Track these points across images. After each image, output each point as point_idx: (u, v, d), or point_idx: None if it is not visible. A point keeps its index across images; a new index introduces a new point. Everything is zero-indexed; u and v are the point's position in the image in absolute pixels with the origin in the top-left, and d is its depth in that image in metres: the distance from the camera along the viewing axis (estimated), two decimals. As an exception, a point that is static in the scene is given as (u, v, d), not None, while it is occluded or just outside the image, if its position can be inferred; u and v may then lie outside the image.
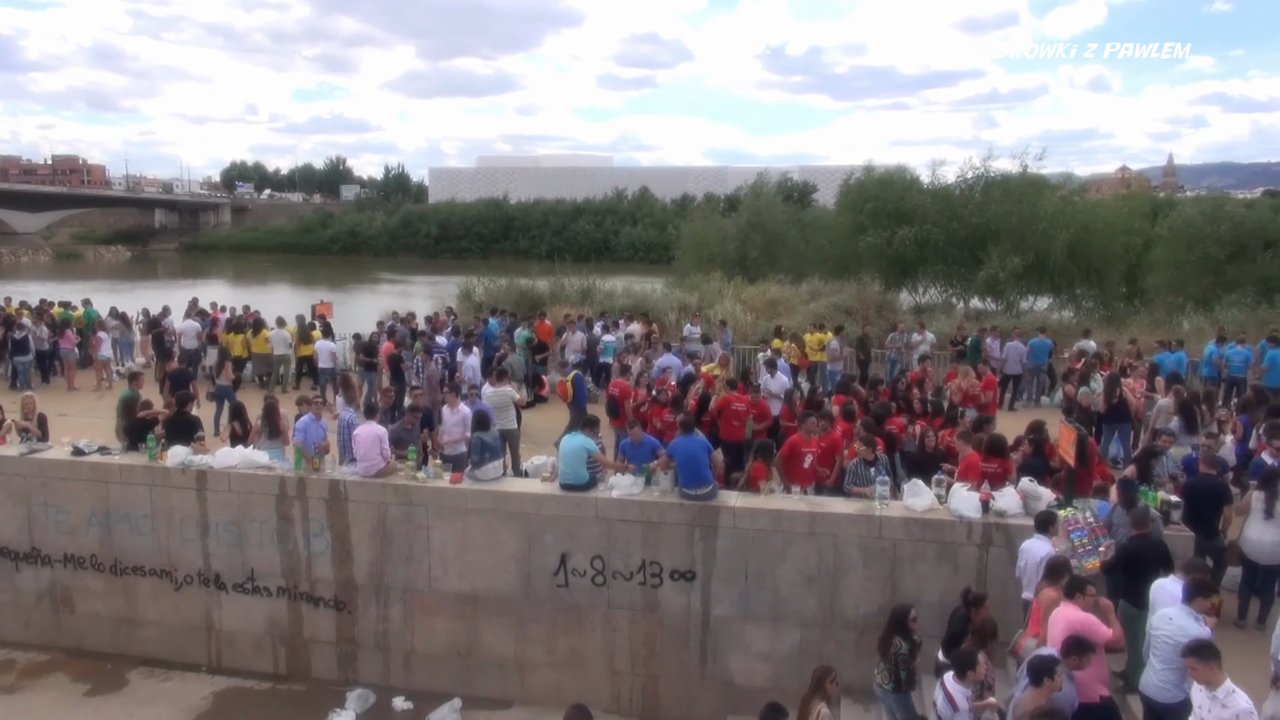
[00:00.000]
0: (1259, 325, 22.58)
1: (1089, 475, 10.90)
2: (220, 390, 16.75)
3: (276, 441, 12.76)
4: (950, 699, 7.23)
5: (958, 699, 7.22)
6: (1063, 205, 32.76)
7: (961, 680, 7.29)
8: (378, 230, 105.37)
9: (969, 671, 7.29)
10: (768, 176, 43.60)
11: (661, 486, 11.30)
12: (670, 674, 11.46)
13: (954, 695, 7.24)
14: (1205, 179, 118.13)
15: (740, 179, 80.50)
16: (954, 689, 7.28)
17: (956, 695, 7.24)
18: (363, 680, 12.17)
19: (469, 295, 31.69)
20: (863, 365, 20.81)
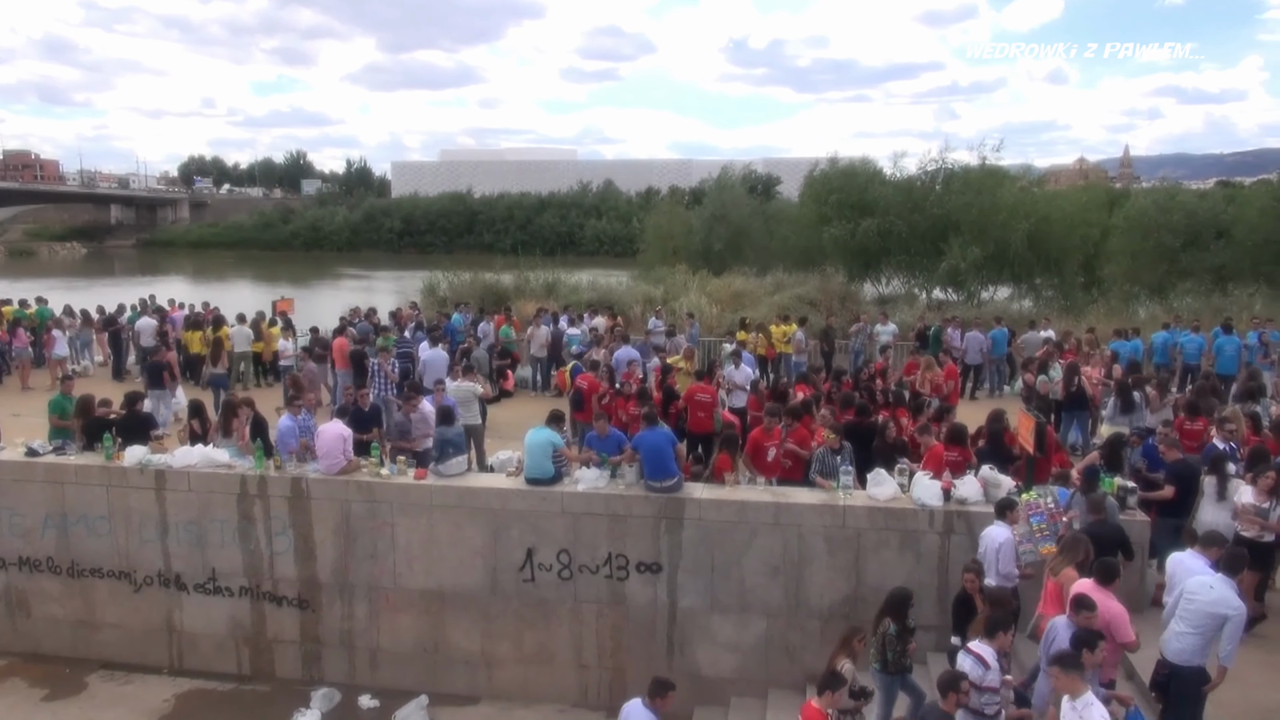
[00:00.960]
0: (1213, 313, 23.06)
1: (1048, 462, 11.06)
2: (214, 379, 16.69)
3: (231, 440, 12.60)
4: (980, 659, 7.25)
5: (988, 657, 7.25)
6: (1022, 196, 33.20)
7: (991, 641, 7.34)
8: (340, 225, 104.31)
9: (999, 633, 7.37)
10: (732, 169, 43.67)
11: (627, 479, 11.30)
12: (637, 666, 11.46)
13: (984, 655, 7.27)
14: (1160, 170, 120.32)
15: (705, 171, 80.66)
16: (983, 649, 7.31)
17: (986, 654, 7.27)
18: (328, 679, 12.05)
19: (433, 290, 31.52)
20: (826, 357, 20.96)
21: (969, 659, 7.33)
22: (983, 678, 7.17)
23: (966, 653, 7.42)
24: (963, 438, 11.53)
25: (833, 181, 35.99)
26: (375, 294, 47.43)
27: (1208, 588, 7.27)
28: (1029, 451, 11.03)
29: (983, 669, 7.21)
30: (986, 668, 7.21)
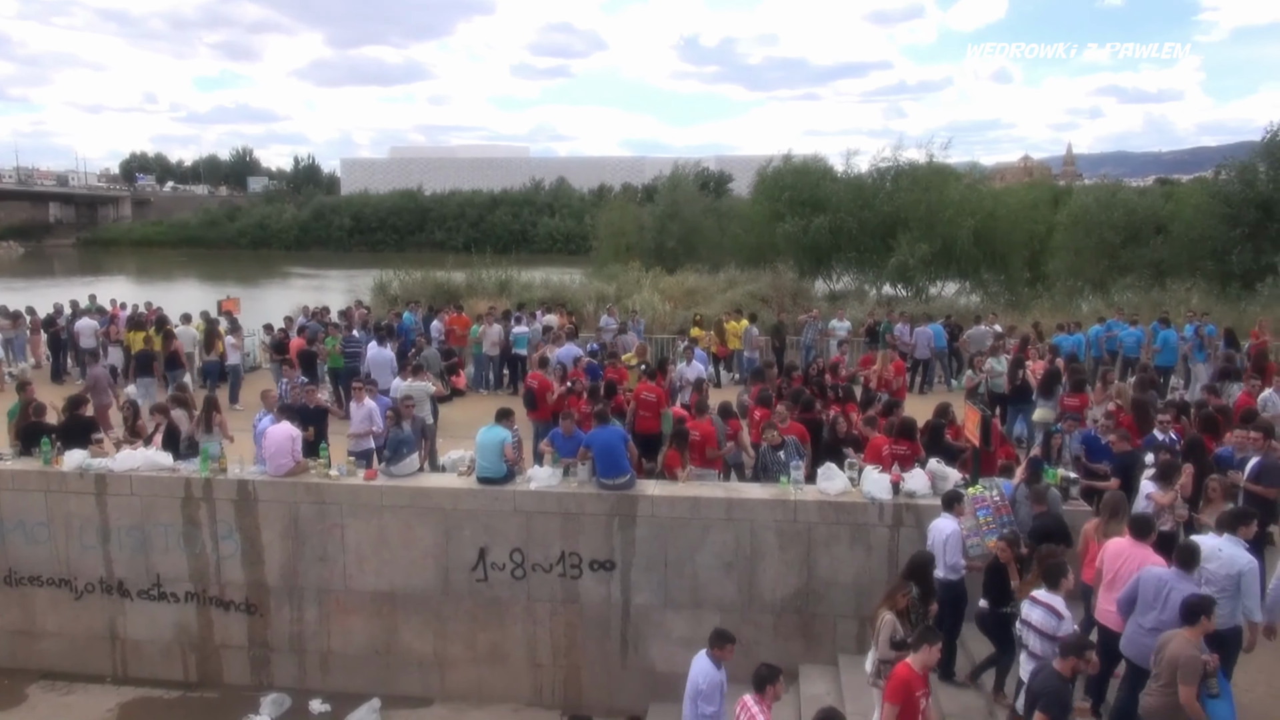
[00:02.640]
0: (1152, 307, 23.61)
1: (994, 455, 11.26)
2: (208, 367, 17.37)
3: (215, 435, 12.39)
4: (1052, 609, 7.25)
5: (1059, 607, 7.25)
6: (968, 194, 33.79)
7: (1055, 590, 7.37)
8: (288, 223, 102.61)
9: (1061, 580, 7.40)
10: (683, 167, 43.76)
11: (579, 477, 11.30)
12: (592, 664, 11.49)
13: (1054, 604, 7.27)
14: (1101, 168, 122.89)
15: (658, 169, 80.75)
16: (1053, 599, 7.31)
17: (1057, 604, 7.27)
18: (277, 684, 11.89)
19: (384, 289, 31.16)
20: (778, 352, 21.10)
21: (1038, 609, 7.32)
22: (1056, 628, 7.20)
23: (1035, 603, 7.39)
24: (912, 432, 11.69)
25: (786, 179, 36.28)
26: (326, 292, 46.77)
27: (1217, 551, 7.42)
28: (975, 444, 11.22)
29: (1056, 619, 7.23)
30: (1060, 618, 7.23)
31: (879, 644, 7.95)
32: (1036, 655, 7.27)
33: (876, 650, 7.99)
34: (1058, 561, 7.66)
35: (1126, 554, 7.61)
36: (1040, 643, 7.28)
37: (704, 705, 7.74)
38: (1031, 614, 7.39)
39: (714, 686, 7.77)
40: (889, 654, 7.84)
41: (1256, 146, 31.12)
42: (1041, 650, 7.22)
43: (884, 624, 7.94)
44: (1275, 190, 29.29)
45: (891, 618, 7.94)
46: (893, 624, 7.90)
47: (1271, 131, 30.44)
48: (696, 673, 7.89)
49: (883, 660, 7.88)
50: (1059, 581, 7.43)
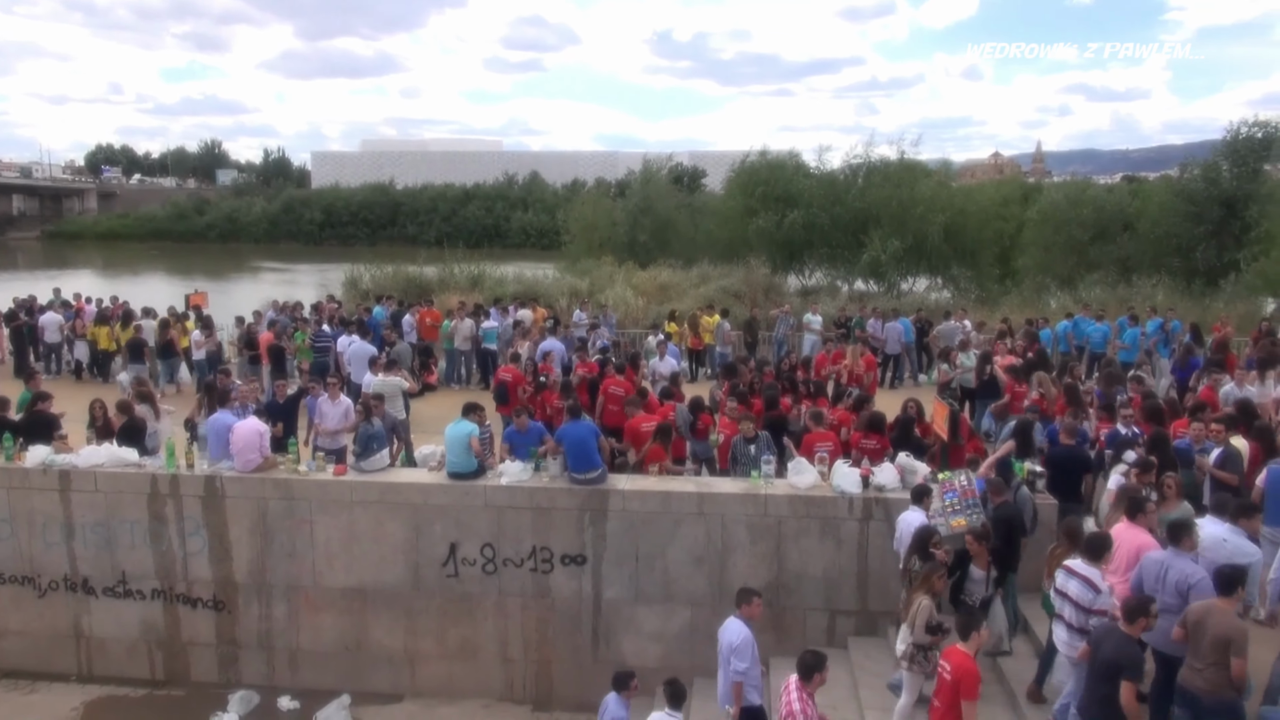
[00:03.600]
0: (1119, 303, 23.91)
1: (962, 449, 11.37)
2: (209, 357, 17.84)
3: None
4: (1089, 582, 7.23)
5: (1096, 580, 7.24)
6: (939, 190, 34.06)
7: (1096, 562, 7.34)
8: (258, 216, 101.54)
9: (1105, 553, 7.40)
10: (655, 161, 43.73)
11: (551, 472, 11.29)
12: (563, 659, 11.49)
13: (1091, 577, 7.25)
14: (1070, 165, 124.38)
15: (631, 164, 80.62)
16: (1090, 572, 7.30)
17: (1094, 577, 7.25)
18: (246, 682, 11.79)
19: (355, 283, 30.93)
20: (750, 347, 21.17)
21: (1075, 581, 7.30)
22: (1093, 602, 7.18)
23: (1071, 574, 7.36)
24: (881, 426, 11.79)
25: (761, 174, 36.38)
26: (297, 287, 46.37)
27: (1222, 541, 7.53)
28: (944, 438, 11.33)
29: (1093, 592, 7.21)
30: (1097, 590, 7.21)
31: (915, 628, 7.96)
32: (1071, 626, 7.28)
33: (911, 633, 7.99)
34: (1102, 537, 7.63)
35: (1121, 536, 7.75)
36: (1075, 614, 7.26)
37: (736, 662, 7.88)
38: (1068, 585, 7.35)
39: (746, 643, 7.91)
40: (924, 638, 7.90)
41: (1219, 145, 31.59)
42: (1076, 621, 7.24)
43: (921, 609, 7.95)
44: (1238, 188, 29.78)
45: (929, 603, 7.96)
46: (930, 609, 7.93)
47: (1234, 130, 30.92)
48: (730, 633, 8.04)
49: (917, 644, 7.93)
50: (1103, 555, 7.39)
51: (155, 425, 12.60)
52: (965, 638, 6.90)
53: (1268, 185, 29.84)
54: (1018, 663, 9.06)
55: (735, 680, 7.92)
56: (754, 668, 7.95)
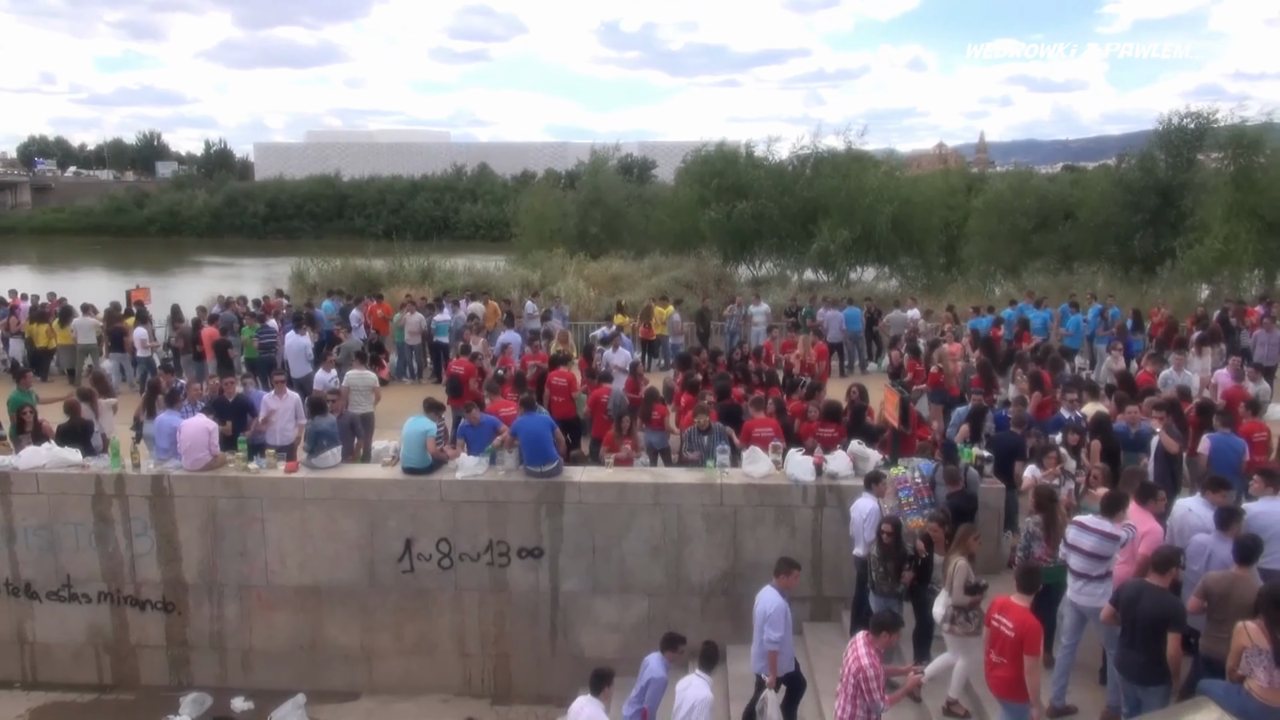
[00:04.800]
0: (1060, 290, 24.42)
1: (912, 436, 11.58)
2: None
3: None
4: (1106, 534, 7.49)
5: (1110, 529, 7.49)
6: (886, 180, 34.35)
7: (1112, 518, 7.57)
8: (200, 210, 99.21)
9: (1120, 511, 7.62)
10: (604, 152, 43.55)
11: (506, 465, 11.27)
12: (521, 652, 11.50)
13: (1106, 529, 7.50)
14: (1012, 155, 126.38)
15: (581, 155, 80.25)
16: (1101, 524, 7.53)
17: (1108, 527, 7.51)
18: (198, 683, 11.64)
19: (302, 277, 30.43)
20: (702, 338, 21.29)
21: (1089, 536, 7.53)
22: (1112, 549, 7.50)
23: (1084, 529, 7.59)
24: (838, 414, 11.97)
25: (713, 164, 36.44)
26: (242, 281, 45.45)
27: (1187, 511, 7.93)
28: (894, 426, 11.52)
29: (1112, 542, 7.48)
30: (1115, 539, 7.49)
31: (953, 590, 8.05)
32: (1086, 575, 7.53)
33: (950, 596, 8.08)
34: (1119, 494, 7.84)
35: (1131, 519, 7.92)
36: (1085, 562, 7.52)
37: (770, 631, 7.99)
38: (1081, 539, 7.58)
39: (779, 612, 7.99)
40: (963, 599, 8.01)
41: (1154, 135, 32.37)
42: (1083, 568, 7.50)
43: (958, 569, 8.06)
44: (1173, 178, 30.52)
45: (965, 563, 8.08)
46: (966, 569, 8.05)
47: (1167, 121, 31.70)
48: (764, 602, 8.14)
49: (957, 606, 8.03)
50: (1116, 512, 7.63)
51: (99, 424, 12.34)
52: (1027, 592, 7.04)
53: (1201, 174, 30.63)
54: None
55: (770, 649, 8.03)
56: (788, 636, 8.05)
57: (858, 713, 6.94)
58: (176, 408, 11.77)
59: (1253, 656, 5.83)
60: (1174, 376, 13.32)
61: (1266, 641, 5.74)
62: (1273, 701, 5.76)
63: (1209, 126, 30.80)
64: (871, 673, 6.87)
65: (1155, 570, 6.79)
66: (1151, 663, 6.63)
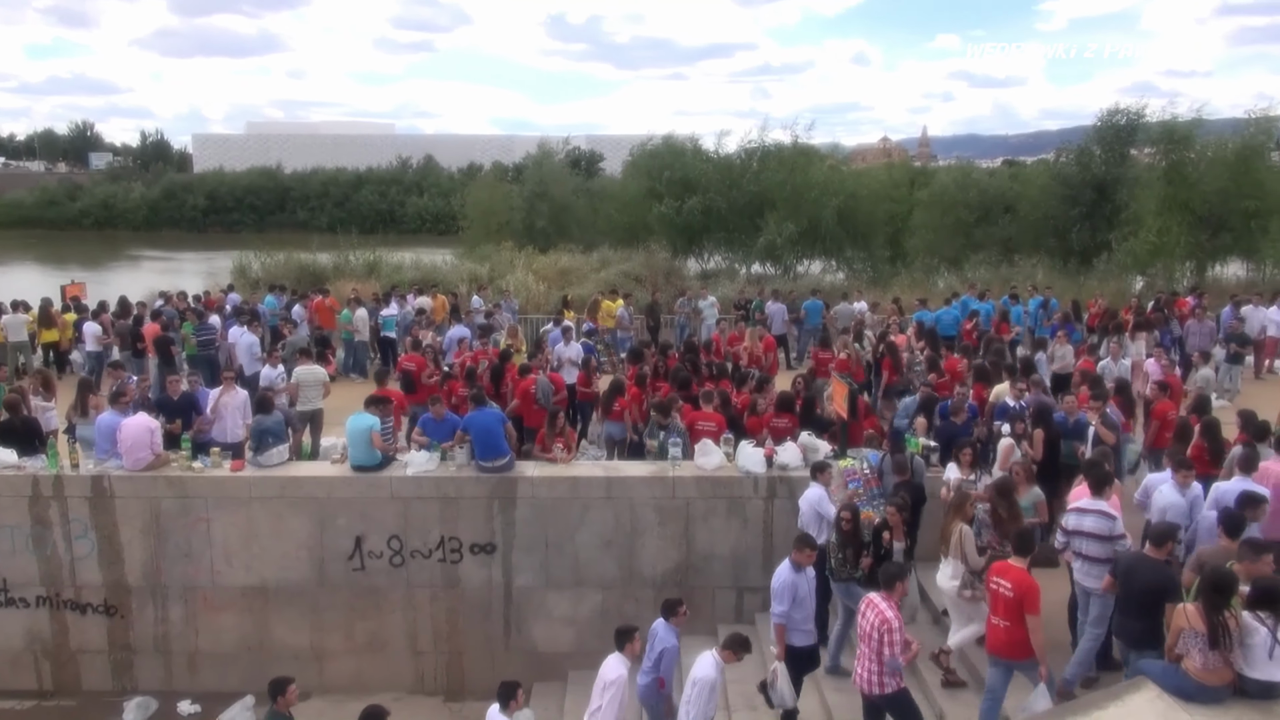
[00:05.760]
0: (1002, 282, 24.96)
1: (860, 427, 11.76)
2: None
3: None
4: (1104, 513, 7.65)
5: (1109, 510, 7.68)
6: (831, 174, 34.82)
7: (1101, 496, 7.77)
8: (136, 202, 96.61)
9: (1107, 488, 7.82)
10: (550, 144, 43.37)
11: (458, 461, 11.21)
12: (474, 648, 11.47)
13: (1103, 509, 7.68)
14: (954, 150, 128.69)
15: (528, 147, 79.80)
16: (1098, 504, 7.71)
17: (1104, 507, 7.70)
18: (142, 688, 11.42)
19: (244, 271, 29.89)
20: (653, 331, 21.34)
21: (1089, 517, 7.68)
22: (1112, 528, 7.61)
23: (1084, 512, 7.73)
24: (790, 405, 12.11)
25: (662, 158, 36.52)
26: (181, 275, 44.48)
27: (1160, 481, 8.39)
28: (843, 417, 11.68)
29: (1110, 520, 7.63)
30: (1113, 518, 7.66)
31: (966, 556, 8.18)
32: (1093, 558, 7.64)
33: (964, 563, 8.20)
34: (1104, 472, 8.04)
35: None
36: (1096, 546, 7.64)
37: (775, 605, 8.06)
38: (1083, 522, 7.73)
39: (785, 587, 8.03)
40: (979, 563, 8.13)
41: (1090, 131, 33.19)
42: (1097, 553, 7.62)
43: (965, 537, 8.24)
44: (1108, 172, 31.35)
45: (969, 529, 8.24)
46: (971, 535, 8.22)
47: (1103, 117, 32.53)
48: (775, 577, 8.19)
49: (973, 571, 8.14)
50: (1105, 490, 7.85)
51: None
52: (1024, 554, 7.23)
53: (1134, 170, 31.51)
54: (919, 631, 9.43)
55: (776, 623, 8.10)
56: (797, 610, 8.08)
57: (883, 668, 7.16)
58: (119, 406, 11.48)
59: (1189, 638, 6.04)
60: (1111, 366, 13.71)
61: (1203, 625, 5.95)
62: (1207, 680, 5.98)
63: (1141, 122, 31.68)
64: (896, 624, 7.08)
65: (1152, 544, 7.08)
66: (1147, 630, 6.87)
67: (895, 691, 7.23)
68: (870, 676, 7.21)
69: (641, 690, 8.16)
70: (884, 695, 7.22)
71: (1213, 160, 28.79)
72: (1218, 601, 5.95)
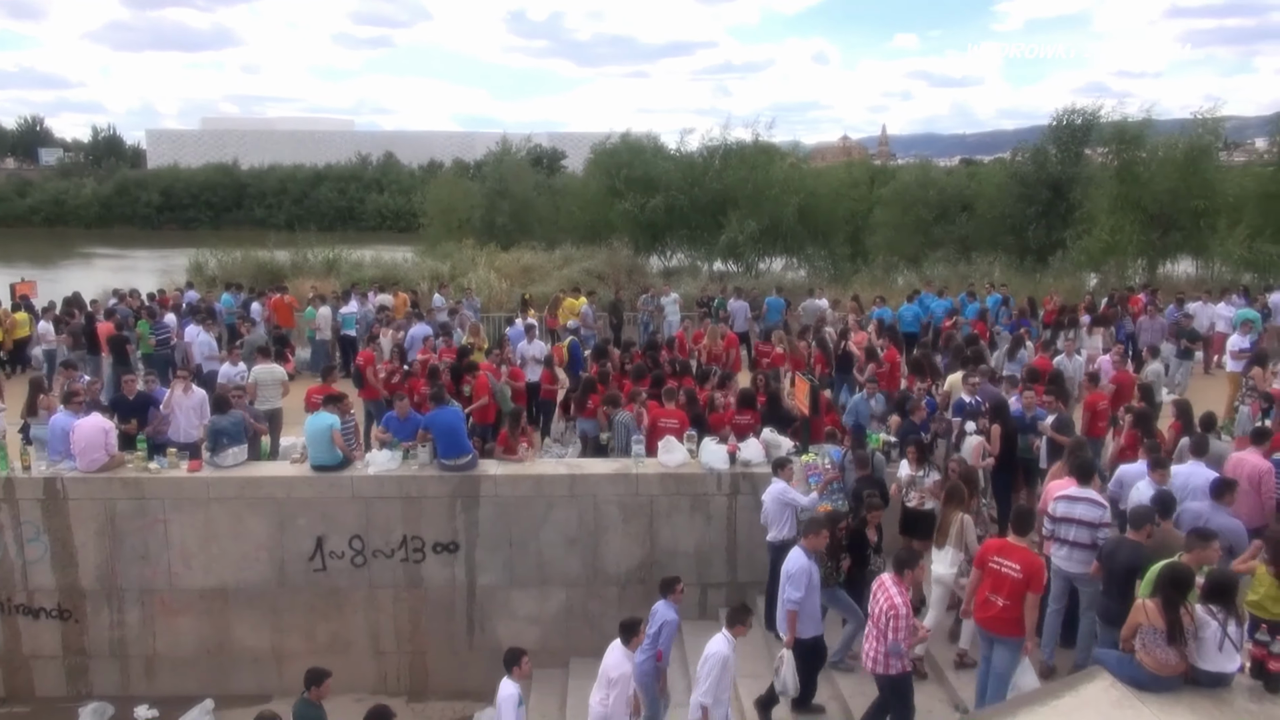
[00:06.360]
0: (959, 280, 25.30)
1: (821, 422, 11.86)
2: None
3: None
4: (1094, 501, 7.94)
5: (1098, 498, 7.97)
6: (792, 172, 35.00)
7: (1087, 484, 8.06)
8: (88, 199, 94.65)
9: (1093, 474, 8.16)
10: (511, 141, 43.13)
11: (420, 460, 11.14)
12: (437, 648, 11.41)
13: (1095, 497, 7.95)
14: (913, 148, 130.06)
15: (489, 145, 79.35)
16: (1086, 492, 8.00)
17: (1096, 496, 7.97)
18: (98, 693, 11.23)
19: (201, 269, 29.41)
20: (615, 329, 21.36)
21: (1080, 504, 7.93)
22: (1102, 517, 7.91)
23: (1073, 500, 7.98)
24: (752, 401, 12.18)
25: (621, 156, 36.49)
26: (135, 274, 43.60)
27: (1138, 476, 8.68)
28: (804, 413, 11.79)
29: (1100, 508, 7.94)
30: (1103, 507, 7.91)
31: (968, 545, 8.35)
32: (1080, 545, 7.92)
33: (965, 552, 8.37)
34: (1088, 459, 8.39)
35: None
36: (1086, 533, 7.90)
37: (790, 590, 8.03)
38: (1074, 510, 7.99)
39: (801, 573, 8.03)
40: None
41: (1046, 130, 33.73)
42: (1085, 539, 7.87)
43: (966, 526, 8.41)
44: (1063, 171, 31.89)
45: (969, 518, 8.39)
46: (972, 524, 8.39)
47: (1058, 117, 33.08)
48: (788, 562, 8.19)
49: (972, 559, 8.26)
50: (1091, 476, 8.15)
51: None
52: (1023, 533, 7.44)
53: (1088, 169, 32.08)
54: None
55: (789, 609, 8.09)
56: (809, 598, 8.09)
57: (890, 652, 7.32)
58: (72, 407, 11.26)
59: (1147, 635, 6.17)
60: (1066, 362, 13.97)
61: (1162, 622, 6.08)
62: (1161, 671, 6.12)
63: (1095, 123, 32.24)
64: (902, 610, 7.23)
65: (1132, 528, 7.44)
66: (1125, 610, 7.00)
67: (898, 675, 7.42)
68: (876, 656, 7.40)
69: (638, 669, 8.15)
70: (886, 676, 7.42)
71: (1163, 160, 29.35)
72: (1175, 598, 6.09)
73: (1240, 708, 5.93)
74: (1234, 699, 6.02)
